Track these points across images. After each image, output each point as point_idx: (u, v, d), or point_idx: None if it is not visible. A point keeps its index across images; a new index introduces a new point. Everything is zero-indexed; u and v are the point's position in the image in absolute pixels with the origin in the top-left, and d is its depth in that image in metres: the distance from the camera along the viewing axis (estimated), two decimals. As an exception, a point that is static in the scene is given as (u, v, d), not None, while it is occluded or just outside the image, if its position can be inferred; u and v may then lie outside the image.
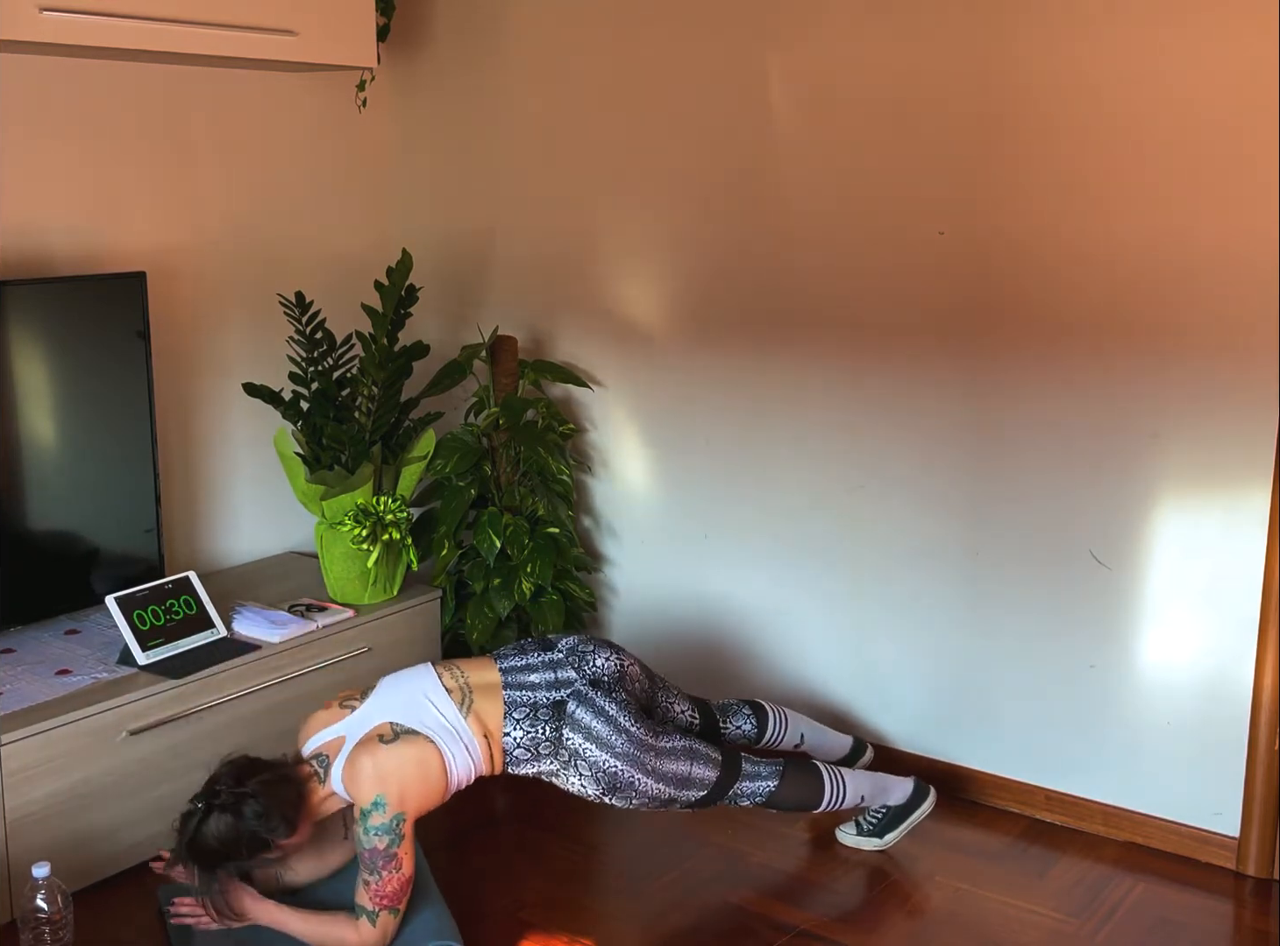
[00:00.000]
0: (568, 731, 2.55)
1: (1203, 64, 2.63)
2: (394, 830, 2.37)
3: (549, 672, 2.61)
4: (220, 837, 2.33)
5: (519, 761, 2.56)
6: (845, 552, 3.27)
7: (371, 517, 3.16)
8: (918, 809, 2.88)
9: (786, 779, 2.70)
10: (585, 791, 2.58)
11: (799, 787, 2.72)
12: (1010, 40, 2.84)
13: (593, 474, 3.70)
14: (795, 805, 2.75)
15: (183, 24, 2.91)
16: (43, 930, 2.35)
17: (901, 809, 2.87)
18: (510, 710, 2.55)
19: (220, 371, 3.52)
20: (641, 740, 2.56)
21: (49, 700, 2.69)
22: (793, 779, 2.71)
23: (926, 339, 3.06)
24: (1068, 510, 2.93)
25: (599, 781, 2.55)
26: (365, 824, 2.37)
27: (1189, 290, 2.72)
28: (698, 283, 3.40)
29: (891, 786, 2.87)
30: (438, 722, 2.48)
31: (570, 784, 2.58)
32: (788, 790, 2.70)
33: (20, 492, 2.95)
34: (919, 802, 2.88)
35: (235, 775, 2.38)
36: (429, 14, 3.75)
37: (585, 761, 2.54)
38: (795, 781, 2.72)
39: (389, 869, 2.37)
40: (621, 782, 2.56)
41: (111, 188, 3.22)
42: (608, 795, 2.57)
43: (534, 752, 2.55)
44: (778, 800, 2.70)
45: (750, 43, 3.19)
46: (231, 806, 2.34)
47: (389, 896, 2.38)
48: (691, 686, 3.55)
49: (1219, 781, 2.83)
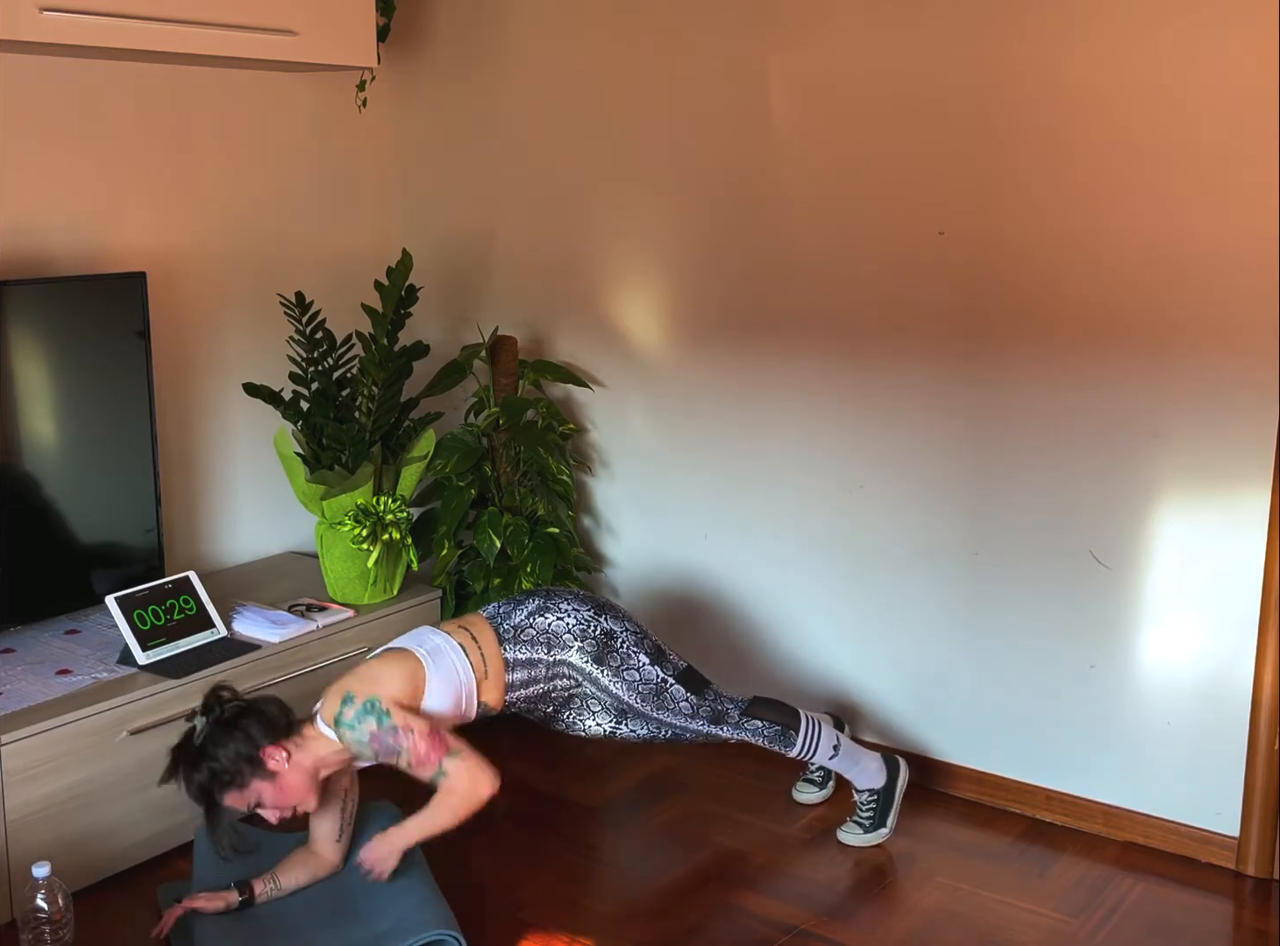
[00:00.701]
0: (536, 588, 2.87)
1: (1203, 64, 2.63)
2: (373, 709, 2.42)
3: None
4: (207, 753, 2.36)
5: (507, 614, 2.71)
6: (845, 552, 3.27)
7: (371, 518, 3.16)
8: (899, 781, 2.93)
9: (762, 700, 2.84)
10: (581, 612, 2.71)
11: (774, 707, 2.84)
12: (1010, 41, 2.84)
13: (593, 474, 3.70)
14: (777, 718, 2.82)
15: (183, 24, 2.91)
16: (43, 930, 2.35)
17: (886, 789, 2.92)
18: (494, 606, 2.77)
19: (220, 371, 3.52)
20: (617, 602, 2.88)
21: (49, 700, 2.69)
22: (768, 702, 2.85)
23: (926, 338, 3.07)
24: (1068, 510, 2.93)
25: (584, 601, 2.74)
26: (344, 724, 2.41)
27: (1189, 290, 2.72)
28: (698, 283, 3.41)
29: (862, 758, 2.92)
30: (412, 637, 2.62)
31: (564, 611, 2.71)
32: (764, 706, 2.82)
33: (20, 493, 2.95)
34: (896, 775, 2.93)
35: (233, 695, 2.47)
36: (429, 14, 3.75)
37: (565, 593, 2.77)
38: (770, 703, 2.86)
39: (403, 738, 2.40)
40: (605, 603, 2.77)
41: (111, 188, 3.22)
42: (601, 612, 2.72)
43: (514, 602, 2.74)
44: (757, 710, 2.80)
45: (751, 43, 3.19)
46: (224, 721, 2.39)
47: (429, 754, 2.41)
48: (691, 686, 3.56)
49: (1219, 781, 2.83)
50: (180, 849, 2.85)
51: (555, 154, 3.59)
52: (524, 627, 2.69)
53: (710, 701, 2.78)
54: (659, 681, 2.74)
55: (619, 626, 2.74)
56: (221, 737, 2.39)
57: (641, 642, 2.75)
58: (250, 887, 2.57)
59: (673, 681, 2.75)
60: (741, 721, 2.80)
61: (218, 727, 2.40)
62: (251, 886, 2.57)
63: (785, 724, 2.83)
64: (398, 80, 3.83)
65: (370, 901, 2.56)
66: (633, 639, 2.74)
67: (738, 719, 2.80)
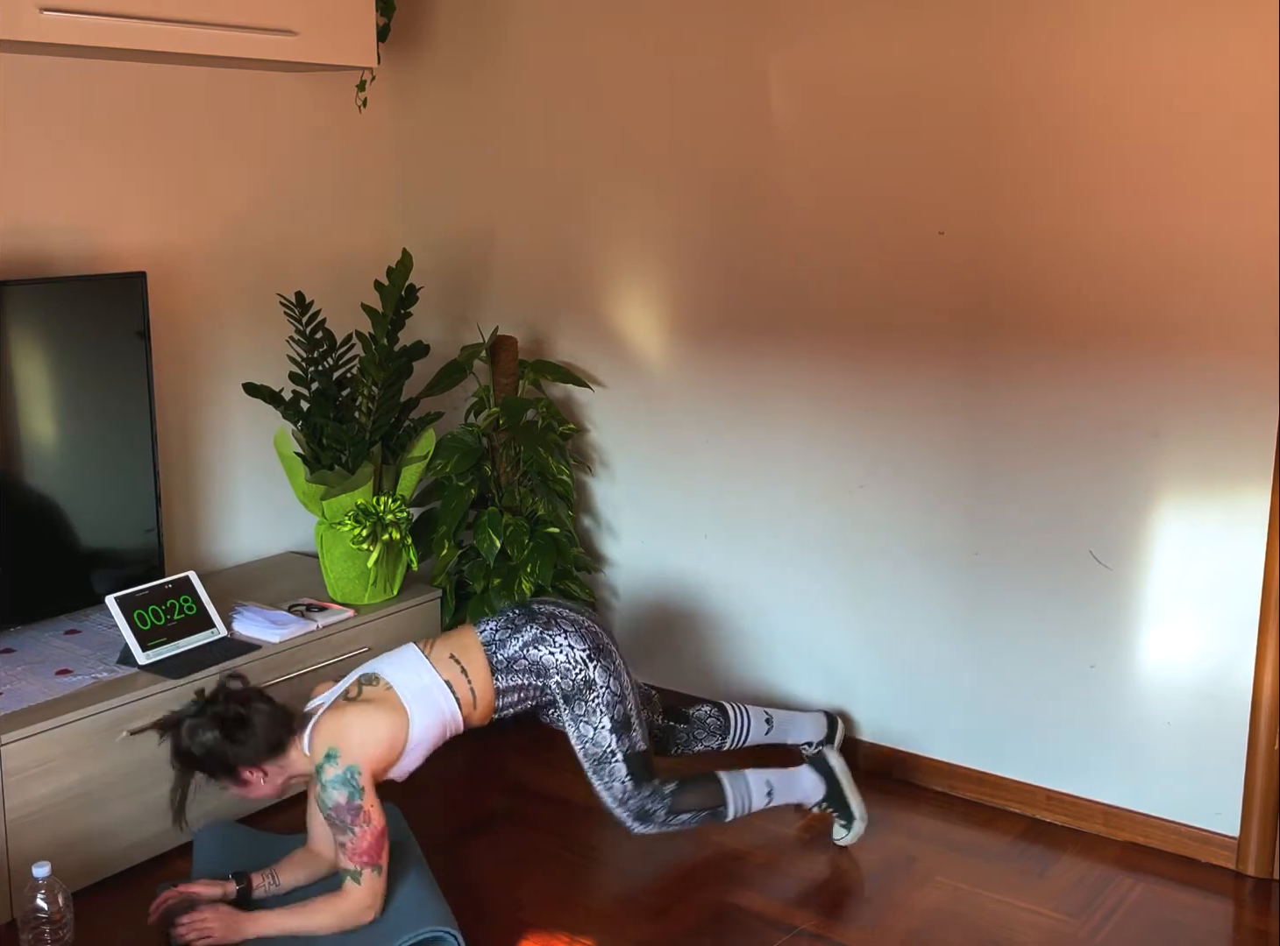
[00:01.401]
0: (537, 605, 2.75)
1: (1203, 64, 2.63)
2: (350, 782, 2.43)
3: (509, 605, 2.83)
4: (198, 743, 2.46)
5: (502, 642, 2.68)
6: (845, 552, 3.27)
7: (371, 517, 3.16)
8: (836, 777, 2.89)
9: (684, 786, 2.75)
10: (575, 650, 2.68)
11: (697, 791, 2.76)
12: (1010, 41, 2.84)
13: (593, 474, 3.70)
14: (704, 802, 2.77)
15: (183, 24, 2.91)
16: (43, 930, 2.35)
17: (830, 792, 2.89)
18: (479, 621, 2.75)
19: (220, 371, 3.52)
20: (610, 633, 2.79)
21: (49, 700, 2.69)
22: (690, 785, 2.76)
23: (926, 338, 3.06)
24: (1068, 510, 2.93)
25: (584, 637, 2.70)
26: (322, 780, 2.45)
27: (1189, 290, 2.72)
28: (698, 283, 3.40)
29: (797, 779, 2.88)
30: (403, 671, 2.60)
31: (559, 645, 2.68)
32: (688, 794, 2.75)
33: (20, 492, 2.95)
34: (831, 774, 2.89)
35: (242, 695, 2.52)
36: (429, 14, 3.75)
37: (565, 620, 2.71)
38: (693, 786, 2.77)
39: (358, 823, 2.42)
40: (603, 644, 2.71)
41: (111, 188, 3.22)
42: (593, 659, 2.68)
43: (512, 626, 2.70)
44: (682, 803, 2.74)
45: (750, 43, 3.19)
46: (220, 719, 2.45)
47: (366, 852, 2.43)
48: (690, 686, 3.56)
49: (1219, 781, 2.83)
50: (180, 849, 2.86)
51: (555, 154, 3.59)
52: (516, 659, 2.67)
53: (644, 797, 2.70)
54: (607, 750, 2.69)
55: (602, 680, 2.68)
56: (210, 738, 2.45)
57: (613, 707, 2.68)
58: (248, 880, 2.58)
59: (619, 759, 2.69)
60: (669, 820, 2.74)
61: (213, 725, 2.45)
62: (250, 878, 2.59)
63: (712, 807, 2.77)
64: (398, 80, 3.83)
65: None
66: (607, 698, 2.68)
67: (664, 818, 2.73)
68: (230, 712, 2.46)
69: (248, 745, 2.47)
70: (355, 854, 2.43)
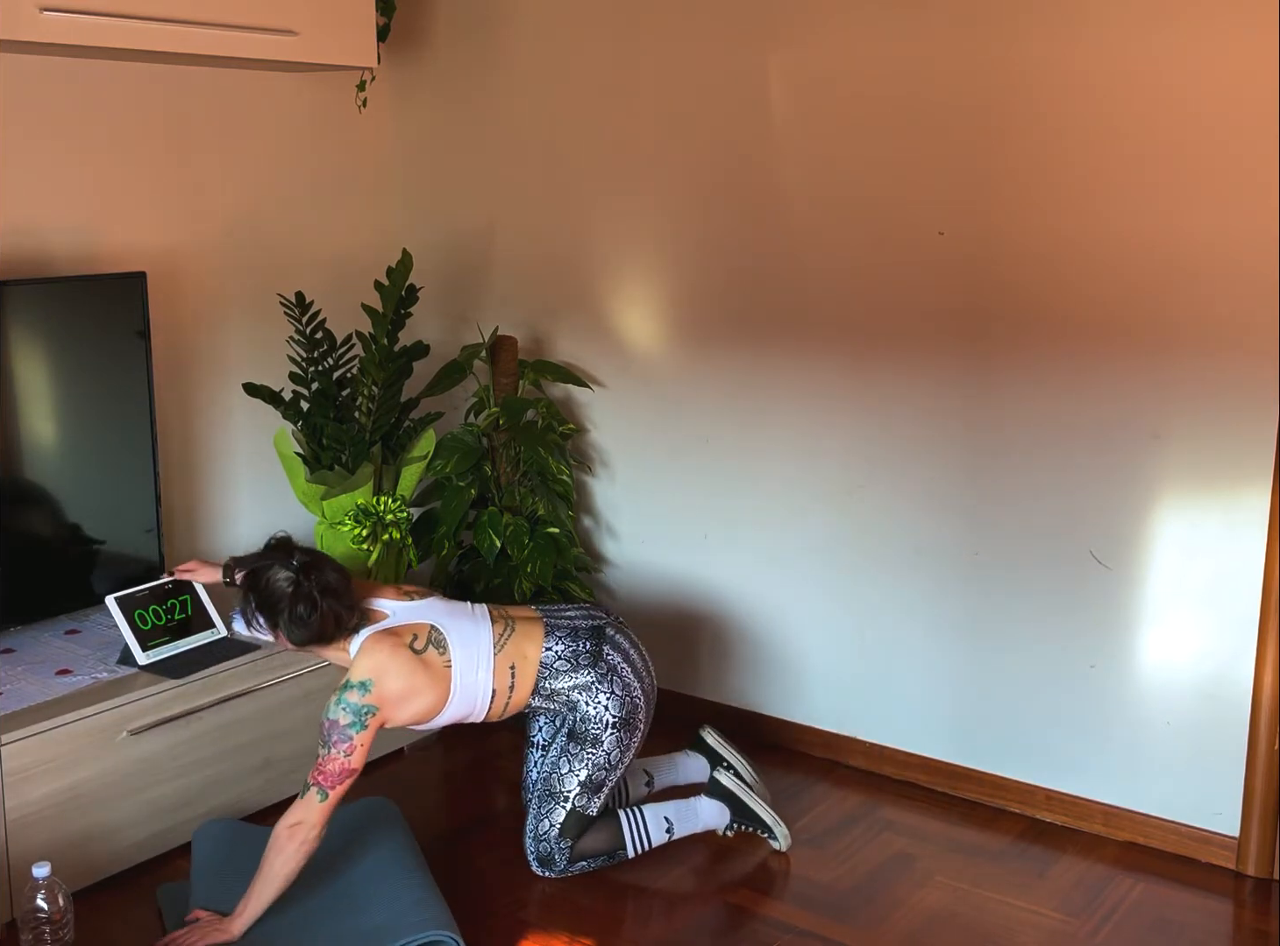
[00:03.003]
0: (608, 649, 2.73)
1: (1203, 64, 2.63)
2: (360, 715, 2.48)
3: (582, 610, 2.82)
4: (269, 586, 2.54)
5: (557, 673, 2.69)
6: (845, 552, 3.27)
7: (372, 517, 3.16)
8: (737, 795, 2.87)
9: (584, 832, 2.76)
10: (605, 713, 2.70)
11: (596, 837, 2.78)
12: (1010, 41, 2.84)
13: (593, 474, 3.70)
14: (602, 847, 2.78)
15: (183, 24, 2.91)
16: (43, 930, 2.35)
17: (739, 812, 2.87)
18: (551, 631, 2.72)
19: (220, 371, 3.52)
20: (655, 695, 2.81)
21: (49, 700, 2.69)
22: (589, 830, 2.77)
23: (926, 339, 3.06)
24: (1068, 510, 2.93)
25: (623, 705, 2.71)
26: (341, 694, 2.50)
27: (1189, 290, 2.72)
28: (698, 283, 3.40)
29: (697, 809, 2.88)
30: (468, 654, 2.62)
31: (597, 701, 2.70)
32: (586, 841, 2.77)
33: (21, 493, 2.95)
34: (730, 796, 2.87)
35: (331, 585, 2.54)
36: (429, 14, 3.75)
37: (620, 679, 2.72)
38: (592, 832, 2.77)
39: (339, 748, 2.46)
40: (635, 721, 2.73)
41: (111, 188, 3.22)
42: (617, 728, 2.71)
43: (574, 663, 2.69)
44: (579, 851, 2.76)
45: (750, 42, 3.19)
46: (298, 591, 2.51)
47: (327, 775, 2.46)
48: (690, 686, 3.56)
49: (1219, 781, 2.83)
50: (180, 849, 2.85)
51: (555, 154, 3.59)
52: (559, 693, 2.70)
53: (554, 846, 2.74)
54: (562, 793, 2.73)
55: (609, 747, 2.71)
56: (277, 594, 2.52)
57: (597, 769, 2.72)
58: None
59: (565, 807, 2.73)
60: (567, 868, 2.76)
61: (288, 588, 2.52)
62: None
63: (609, 851, 2.78)
64: (398, 80, 3.83)
65: (367, 893, 2.57)
66: (600, 760, 2.72)
67: (564, 866, 2.76)
68: (306, 591, 2.51)
69: (300, 627, 2.52)
70: (317, 771, 2.47)
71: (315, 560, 2.58)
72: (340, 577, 2.58)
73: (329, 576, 2.56)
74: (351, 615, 2.58)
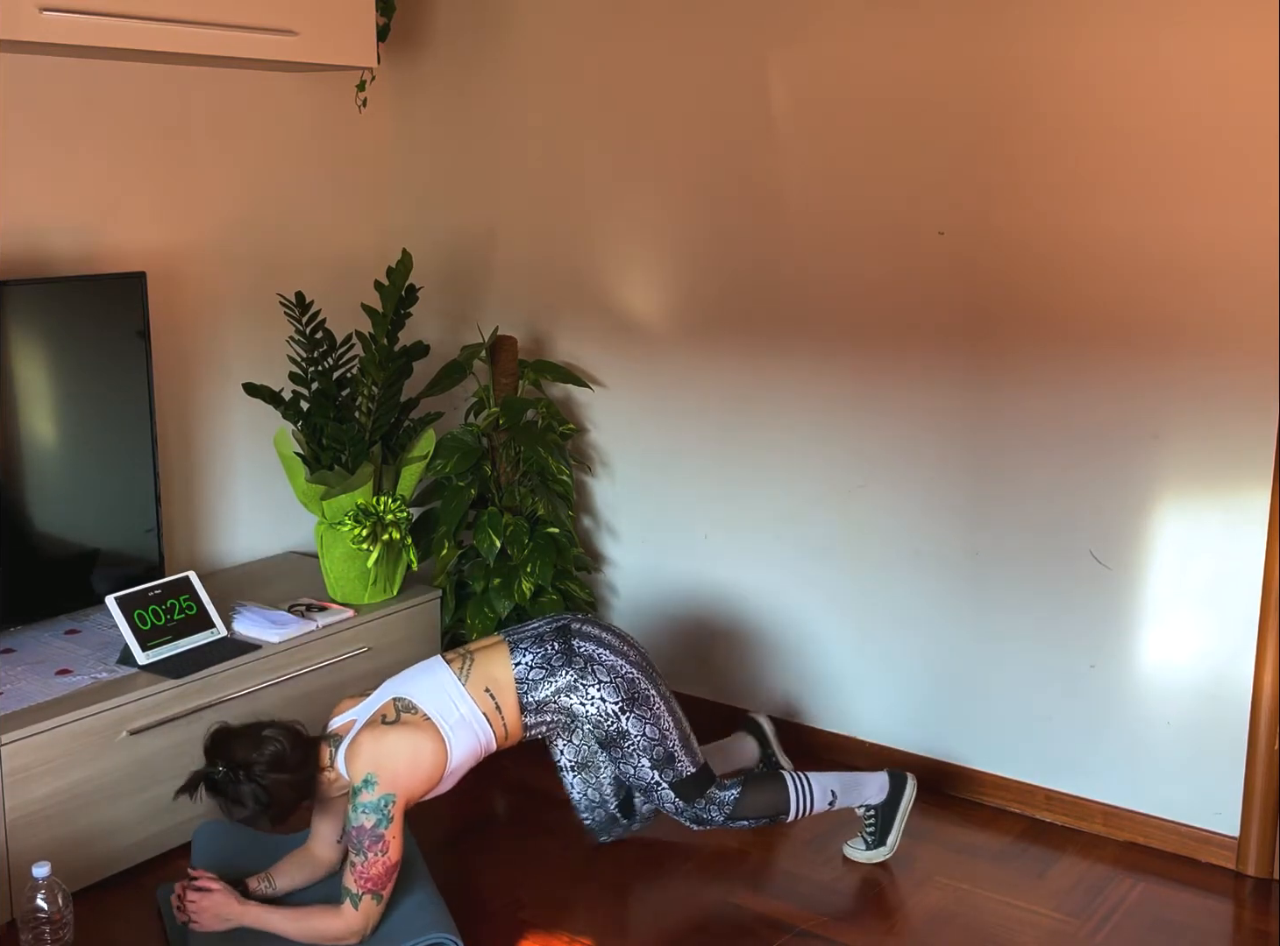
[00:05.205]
0: (577, 641, 2.65)
1: (1204, 64, 2.63)
2: (381, 810, 2.41)
3: (546, 619, 2.75)
4: (239, 806, 2.41)
5: (535, 684, 2.61)
6: (845, 552, 3.27)
7: (371, 518, 3.16)
8: (903, 799, 2.84)
9: (749, 787, 2.74)
10: (606, 704, 2.63)
11: (763, 793, 2.75)
12: (1010, 40, 2.84)
13: (593, 474, 3.70)
14: (765, 810, 2.76)
15: (183, 24, 2.91)
16: (43, 930, 2.35)
17: (887, 804, 2.84)
18: (515, 645, 2.65)
19: (220, 371, 3.52)
20: (650, 661, 2.72)
21: (49, 700, 2.69)
22: (755, 786, 2.75)
23: (926, 339, 3.06)
24: (1068, 510, 2.93)
25: (618, 688, 2.63)
26: (355, 801, 2.42)
27: (1189, 290, 2.72)
28: (698, 282, 3.40)
29: (865, 781, 2.85)
30: (439, 698, 2.55)
31: (590, 698, 2.63)
32: (750, 800, 2.73)
33: (20, 493, 2.95)
34: (901, 792, 2.85)
35: (251, 768, 2.40)
36: (429, 14, 3.75)
37: (602, 666, 2.64)
38: (758, 787, 2.76)
39: (375, 850, 2.40)
40: (639, 693, 2.64)
41: (111, 188, 3.22)
42: (626, 710, 2.63)
43: (548, 668, 2.62)
44: (744, 809, 2.73)
45: (750, 42, 3.19)
46: (242, 791, 2.39)
47: (373, 879, 2.41)
48: (690, 686, 3.56)
49: (1219, 781, 2.83)
50: (180, 849, 2.86)
51: (555, 154, 3.59)
52: (547, 703, 2.63)
53: (698, 808, 2.72)
54: (652, 782, 2.69)
55: (637, 730, 2.64)
56: (249, 805, 2.40)
57: (652, 749, 2.66)
58: (244, 885, 2.57)
59: (665, 787, 2.69)
60: (726, 824, 2.75)
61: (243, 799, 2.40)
62: (245, 884, 2.58)
63: (773, 814, 2.76)
64: (398, 80, 3.83)
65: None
66: (644, 743, 2.65)
67: (722, 823, 2.74)
68: (252, 783, 2.39)
69: (277, 808, 2.42)
70: (363, 878, 2.40)
71: (226, 773, 2.41)
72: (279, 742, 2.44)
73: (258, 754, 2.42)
74: (305, 761, 2.47)
